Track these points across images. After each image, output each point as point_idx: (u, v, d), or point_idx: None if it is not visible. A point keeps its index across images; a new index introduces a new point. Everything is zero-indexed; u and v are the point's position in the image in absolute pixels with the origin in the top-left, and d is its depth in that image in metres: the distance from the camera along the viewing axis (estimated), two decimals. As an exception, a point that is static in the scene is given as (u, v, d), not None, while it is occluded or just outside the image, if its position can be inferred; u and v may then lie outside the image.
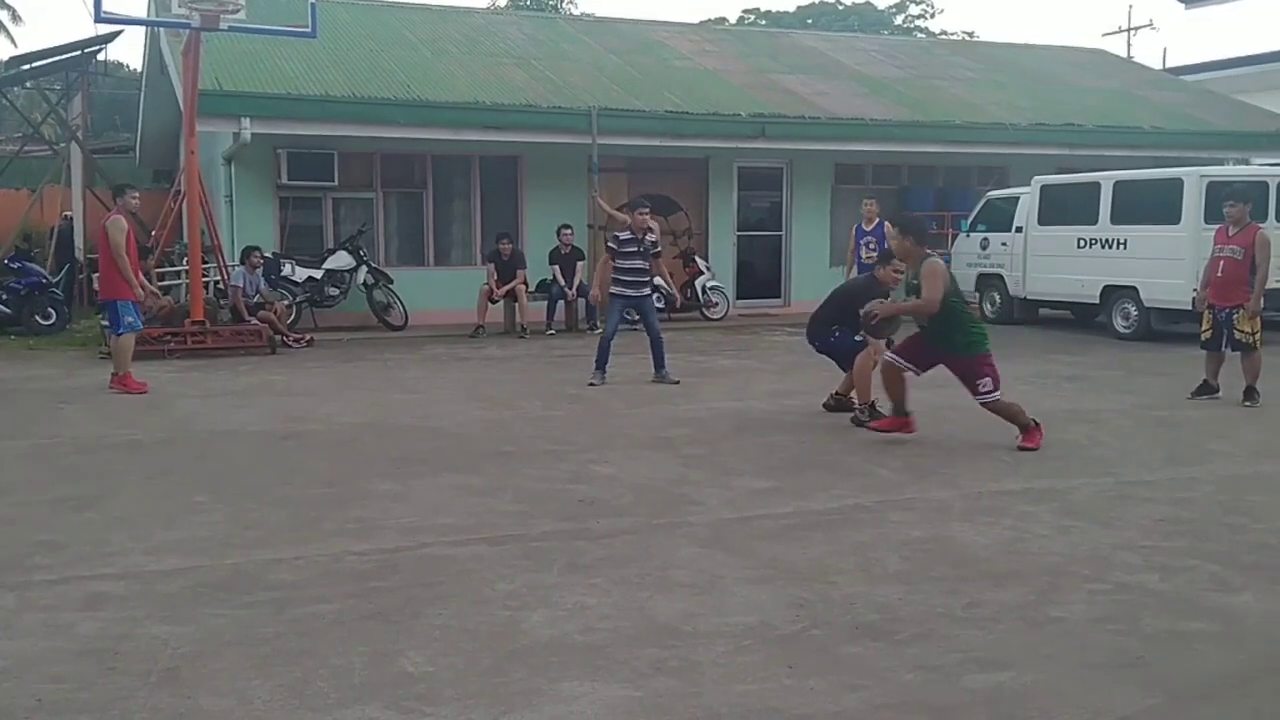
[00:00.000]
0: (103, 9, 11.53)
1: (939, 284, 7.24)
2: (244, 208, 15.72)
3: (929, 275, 7.26)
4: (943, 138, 18.24)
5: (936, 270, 7.29)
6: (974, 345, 7.49)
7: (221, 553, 5.10)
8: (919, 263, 7.41)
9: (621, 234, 10.82)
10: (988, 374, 7.45)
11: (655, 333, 10.69)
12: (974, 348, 7.49)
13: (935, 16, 50.94)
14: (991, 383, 7.45)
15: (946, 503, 6.08)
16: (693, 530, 5.51)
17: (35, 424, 8.45)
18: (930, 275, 7.26)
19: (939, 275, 7.27)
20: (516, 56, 18.81)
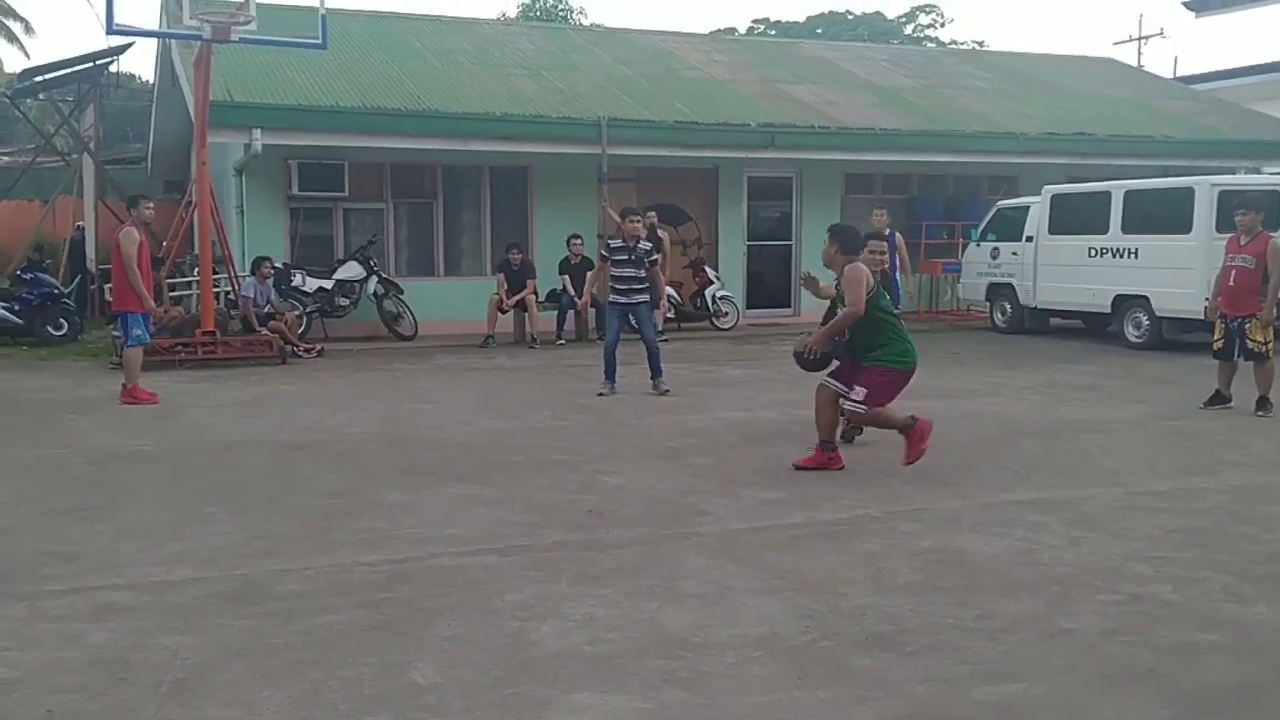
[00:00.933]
0: (115, 21, 11.61)
1: (861, 288, 6.95)
2: (255, 218, 15.77)
3: (851, 281, 7.00)
4: (953, 147, 18.23)
5: (859, 275, 7.01)
6: (881, 357, 7.03)
7: (231, 563, 5.10)
8: (841, 269, 7.20)
9: (613, 241, 10.87)
10: (868, 386, 6.96)
11: (649, 341, 10.66)
12: (880, 358, 7.03)
13: (945, 26, 51.20)
14: (865, 393, 6.94)
15: (957, 513, 6.06)
16: (702, 541, 5.50)
17: (46, 434, 8.48)
18: (852, 281, 7.00)
19: (861, 280, 6.98)
20: (526, 67, 18.86)
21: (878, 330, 7.09)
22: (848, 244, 7.31)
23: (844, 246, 7.28)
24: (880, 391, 7.03)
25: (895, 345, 7.11)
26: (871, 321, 7.05)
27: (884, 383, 7.05)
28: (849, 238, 7.40)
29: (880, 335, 7.09)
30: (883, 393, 7.05)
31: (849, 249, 7.28)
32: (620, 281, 10.58)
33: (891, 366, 7.05)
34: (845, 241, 7.33)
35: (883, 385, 7.04)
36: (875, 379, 7.01)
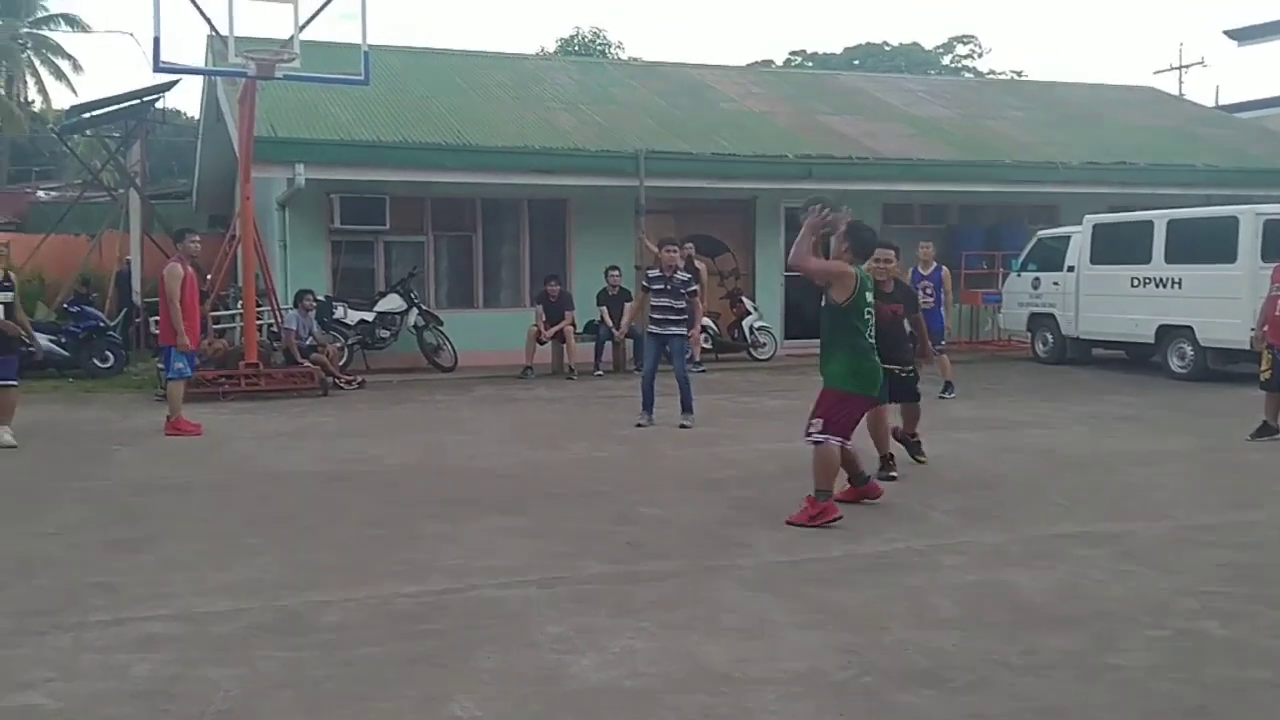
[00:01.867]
0: (161, 59, 11.79)
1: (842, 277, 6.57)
2: (297, 252, 15.96)
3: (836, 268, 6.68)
4: (992, 177, 18.15)
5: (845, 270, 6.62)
6: (834, 377, 6.64)
7: (273, 594, 5.13)
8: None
9: (651, 271, 10.94)
10: (823, 414, 6.55)
11: (679, 375, 10.65)
12: (833, 378, 6.65)
13: (983, 56, 50.91)
14: (821, 424, 6.52)
15: (1001, 546, 5.99)
16: (742, 573, 5.47)
17: (92, 466, 8.59)
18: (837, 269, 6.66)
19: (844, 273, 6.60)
20: (565, 101, 19.02)
21: (840, 341, 6.64)
22: (859, 248, 6.84)
23: (855, 249, 6.81)
24: (836, 418, 6.53)
25: (850, 363, 6.59)
26: (839, 327, 6.65)
27: (838, 408, 6.57)
28: (863, 241, 6.90)
29: (840, 347, 6.63)
30: (837, 419, 6.54)
31: (858, 253, 6.83)
32: (657, 311, 10.62)
33: (842, 389, 6.59)
34: (858, 244, 6.84)
35: (837, 411, 6.56)
36: (828, 402, 6.60)
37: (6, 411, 9.44)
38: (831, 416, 6.54)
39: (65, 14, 45.43)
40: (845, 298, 6.60)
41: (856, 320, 6.61)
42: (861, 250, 6.88)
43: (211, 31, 12.57)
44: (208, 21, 12.12)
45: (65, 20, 45.33)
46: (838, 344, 6.66)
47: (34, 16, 44.98)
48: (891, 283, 8.03)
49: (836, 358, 6.65)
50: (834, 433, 6.52)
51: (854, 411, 6.68)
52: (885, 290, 7.78)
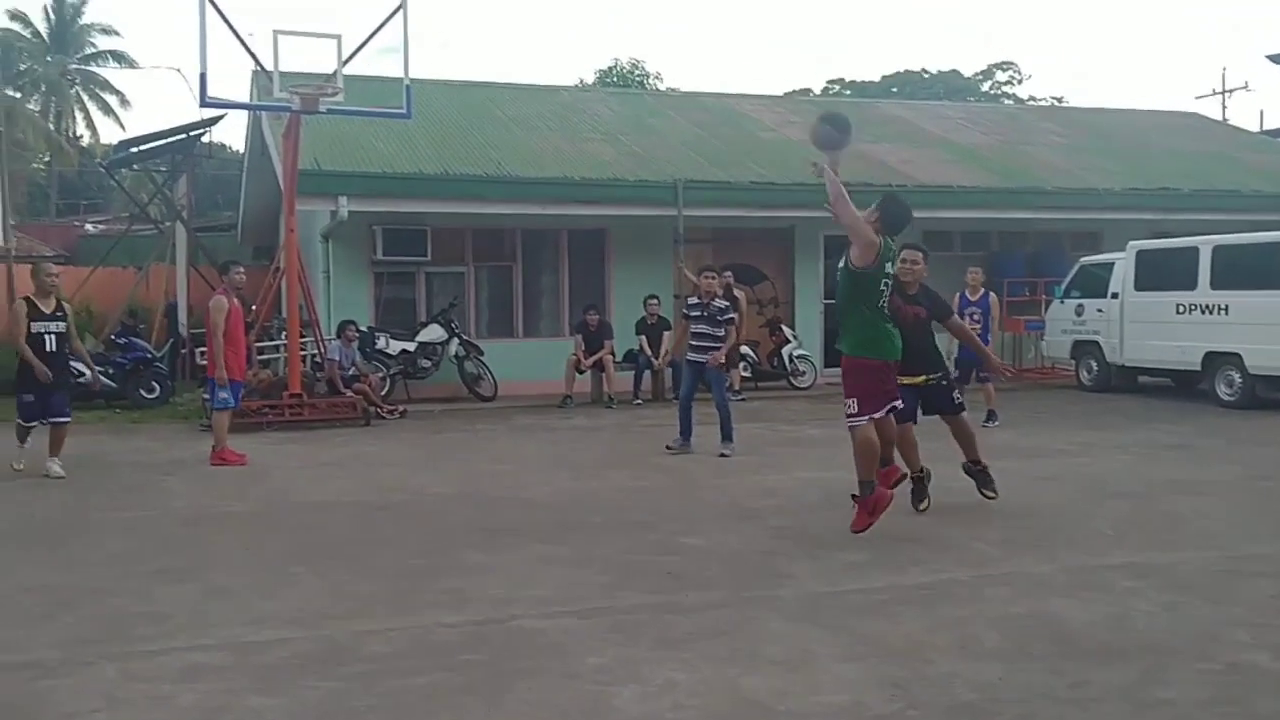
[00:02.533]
0: (208, 94, 12.01)
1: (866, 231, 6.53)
2: (340, 283, 16.13)
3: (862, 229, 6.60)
4: (1033, 204, 18.05)
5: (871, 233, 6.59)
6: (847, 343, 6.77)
7: (317, 623, 5.16)
8: None
9: (690, 300, 10.98)
10: (853, 391, 6.64)
11: (718, 403, 10.64)
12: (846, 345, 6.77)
13: (1022, 82, 50.75)
14: (855, 403, 6.60)
15: (1046, 577, 5.91)
16: (783, 604, 5.44)
17: (138, 496, 8.69)
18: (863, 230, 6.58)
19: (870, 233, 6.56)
20: (603, 132, 19.15)
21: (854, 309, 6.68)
22: (889, 220, 6.76)
23: (884, 220, 6.73)
24: (866, 391, 6.59)
25: (865, 330, 6.67)
26: (855, 293, 6.67)
27: (864, 378, 6.62)
28: (894, 215, 6.81)
29: (855, 314, 6.69)
30: (868, 391, 6.59)
31: (887, 225, 6.74)
32: (695, 338, 10.68)
33: (862, 355, 6.66)
34: (888, 216, 6.76)
35: (864, 381, 6.62)
36: (852, 375, 6.69)
37: (57, 445, 9.59)
38: (862, 391, 6.60)
39: (113, 50, 46.54)
40: (866, 263, 6.59)
41: (872, 288, 6.62)
42: (891, 223, 6.78)
43: (256, 67, 12.81)
44: (253, 57, 12.35)
45: (113, 57, 46.51)
46: (852, 311, 6.71)
47: (83, 53, 46.04)
48: (917, 285, 7.58)
49: (851, 326, 6.72)
50: (869, 409, 6.58)
51: (880, 378, 6.67)
52: (909, 292, 7.46)
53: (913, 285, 7.51)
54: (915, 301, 7.49)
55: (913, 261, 7.47)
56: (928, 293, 7.67)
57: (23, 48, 42.77)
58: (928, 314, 7.56)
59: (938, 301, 7.75)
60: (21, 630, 5.12)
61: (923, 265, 7.60)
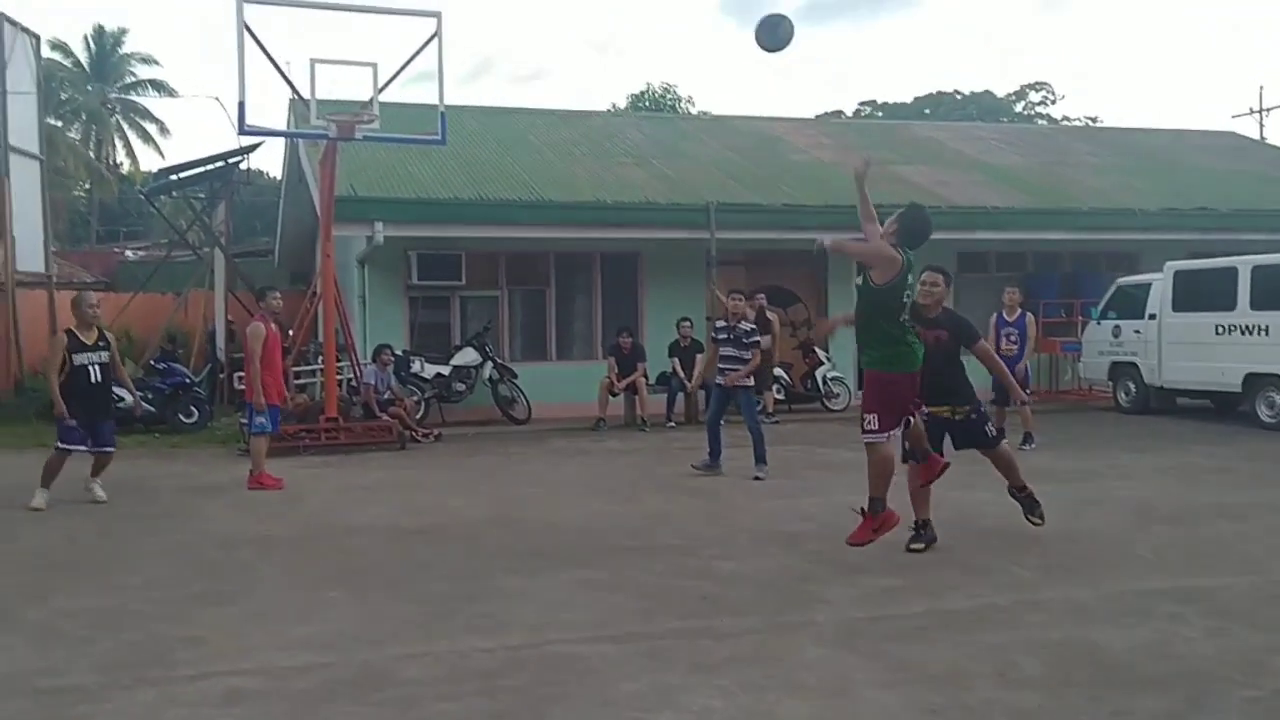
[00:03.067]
0: (246, 122, 12.17)
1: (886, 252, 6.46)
2: (376, 307, 16.27)
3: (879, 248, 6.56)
4: (1068, 225, 17.95)
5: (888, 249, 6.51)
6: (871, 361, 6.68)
7: (353, 648, 5.18)
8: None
9: (719, 322, 11.04)
10: (873, 407, 6.61)
11: (749, 425, 10.63)
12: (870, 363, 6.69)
13: (1056, 103, 50.55)
14: (875, 419, 6.57)
15: (1086, 603, 5.84)
16: (820, 630, 5.40)
17: (177, 520, 8.76)
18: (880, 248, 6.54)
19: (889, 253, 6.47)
20: (636, 156, 19.24)
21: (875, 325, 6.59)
22: (908, 233, 6.64)
23: (903, 233, 6.63)
24: (885, 406, 6.55)
25: (886, 346, 6.59)
26: (876, 310, 6.58)
27: (885, 392, 6.57)
28: (914, 227, 6.68)
29: (876, 331, 6.59)
30: (887, 406, 6.55)
31: (906, 238, 6.62)
32: (722, 361, 10.75)
33: (883, 369, 6.59)
34: (907, 229, 6.65)
35: (884, 395, 6.57)
36: (873, 389, 6.63)
37: (100, 469, 9.71)
38: (881, 405, 6.54)
39: (153, 79, 47.27)
40: (887, 279, 6.49)
41: (894, 302, 6.51)
42: (911, 236, 6.64)
43: (294, 95, 12.95)
44: (290, 85, 12.50)
45: (153, 85, 47.20)
46: (873, 327, 6.60)
47: (123, 82, 46.81)
48: (938, 308, 7.30)
49: (873, 342, 6.61)
50: (888, 425, 6.53)
51: (901, 393, 6.61)
52: (929, 315, 7.18)
53: (933, 308, 7.25)
54: (937, 325, 7.21)
55: (932, 284, 7.22)
56: (951, 316, 7.42)
57: (64, 77, 43.50)
58: (950, 338, 7.24)
59: (962, 325, 7.42)
60: (62, 654, 5.17)
61: (943, 288, 7.31)
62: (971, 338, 7.45)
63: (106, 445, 9.65)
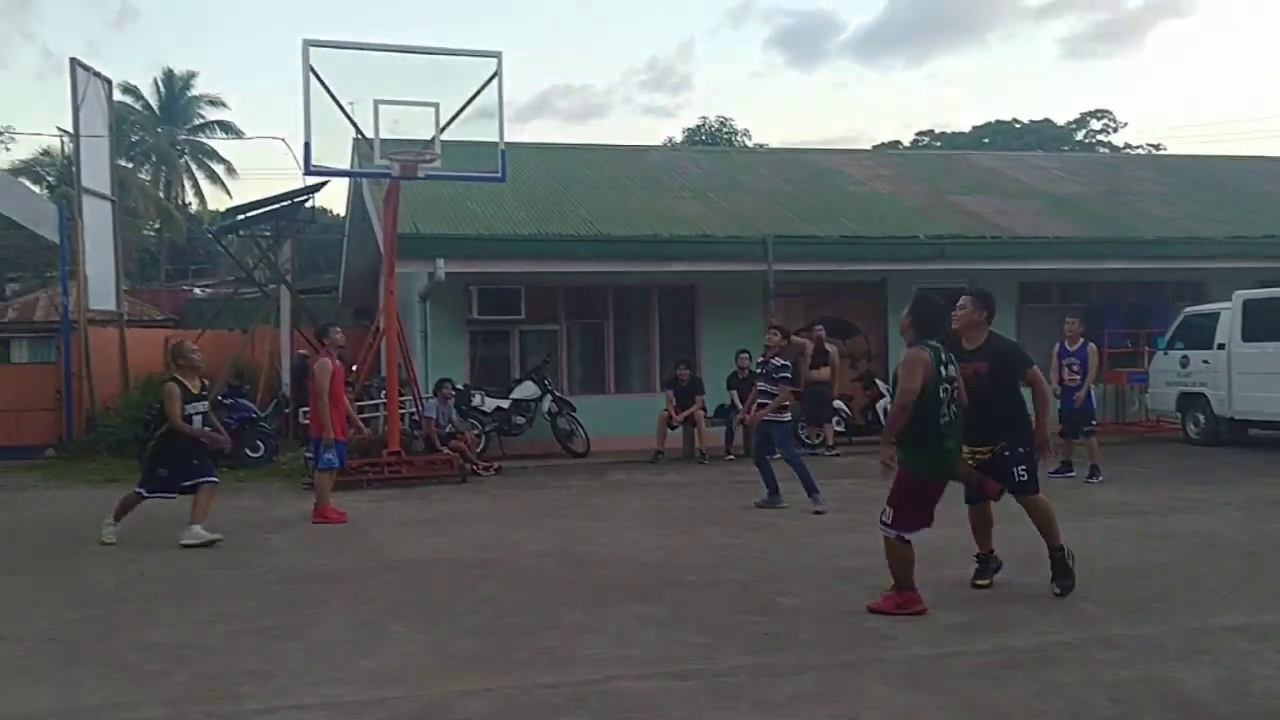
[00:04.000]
0: (312, 163, 12.40)
1: (915, 375, 6.09)
2: (438, 342, 16.45)
3: (905, 365, 6.19)
4: (1132, 254, 17.67)
5: (914, 360, 6.16)
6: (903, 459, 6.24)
7: (416, 683, 5.21)
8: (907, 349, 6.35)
9: (759, 357, 11.08)
10: (894, 502, 6.31)
11: (788, 460, 10.69)
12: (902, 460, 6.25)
13: (1118, 131, 49.94)
14: (891, 513, 6.30)
15: (1158, 640, 5.72)
16: (885, 667, 5.34)
17: (243, 554, 8.88)
18: (906, 365, 6.18)
19: (916, 366, 6.12)
20: (693, 189, 19.31)
21: (913, 425, 6.17)
22: (924, 326, 6.33)
23: (919, 327, 6.33)
24: (904, 505, 6.25)
25: (920, 447, 6.18)
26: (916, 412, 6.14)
27: (908, 492, 6.25)
28: (929, 318, 6.36)
29: (914, 430, 6.17)
30: (907, 505, 6.24)
31: (924, 330, 6.31)
32: (760, 395, 10.80)
33: (912, 472, 6.23)
34: (922, 322, 6.34)
35: (904, 495, 6.26)
36: (899, 485, 6.29)
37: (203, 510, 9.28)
38: (902, 503, 6.28)
39: (220, 121, 48.36)
40: (927, 379, 6.12)
41: (933, 405, 6.14)
42: (928, 329, 6.33)
43: (357, 134, 13.18)
44: (354, 125, 12.71)
45: (220, 127, 48.27)
46: (912, 429, 6.18)
47: (191, 124, 47.95)
48: (980, 338, 6.83)
49: (910, 440, 6.20)
50: (903, 524, 6.27)
51: (926, 496, 6.28)
52: (966, 346, 6.78)
53: (970, 338, 6.82)
54: (975, 357, 6.75)
55: (959, 306, 6.85)
56: (994, 346, 6.85)
57: (135, 120, 44.64)
58: (991, 370, 6.71)
59: (1006, 354, 6.86)
60: (133, 687, 5.26)
61: (970, 310, 6.84)
62: (1020, 364, 6.87)
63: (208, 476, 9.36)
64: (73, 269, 18.06)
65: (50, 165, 36.70)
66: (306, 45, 12.12)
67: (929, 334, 6.30)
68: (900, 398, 6.14)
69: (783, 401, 10.67)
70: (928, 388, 6.11)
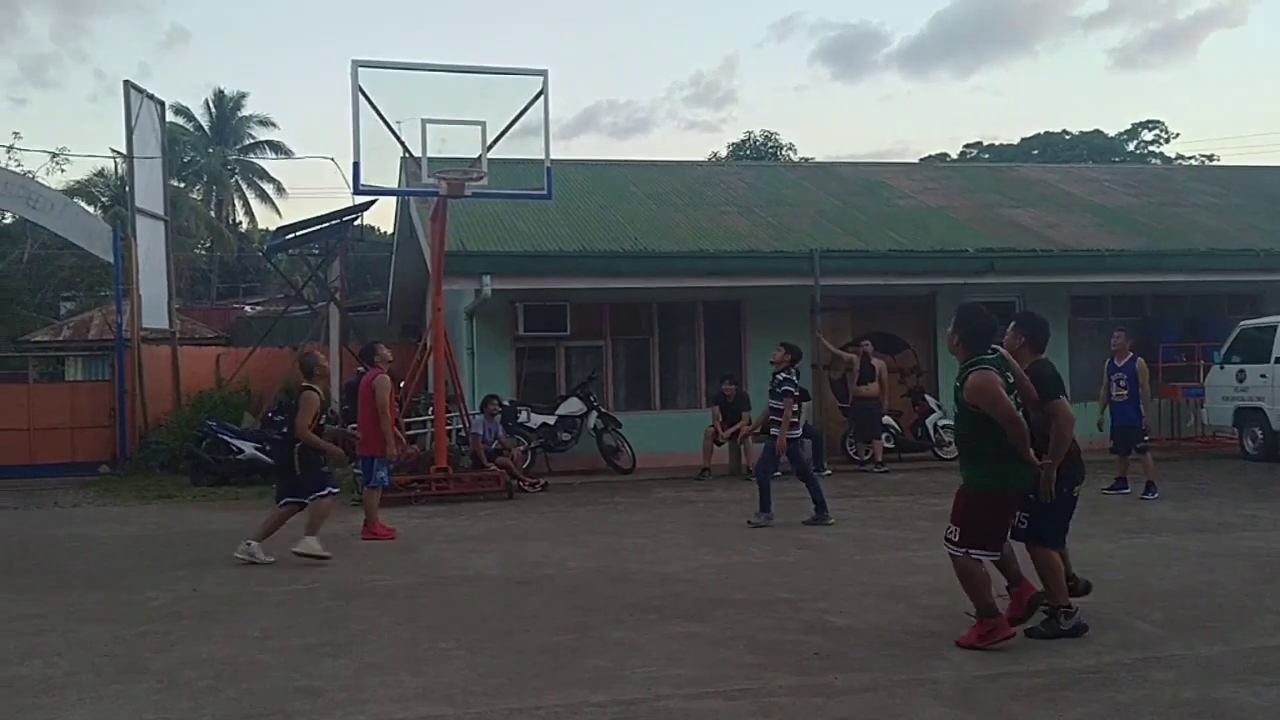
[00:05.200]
0: (360, 182, 12.53)
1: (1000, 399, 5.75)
2: (485, 358, 16.54)
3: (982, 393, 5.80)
4: (1185, 266, 17.41)
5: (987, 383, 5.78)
6: (969, 478, 6.00)
7: (465, 701, 5.21)
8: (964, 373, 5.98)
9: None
10: (959, 520, 5.94)
11: (798, 473, 10.96)
12: (971, 478, 5.99)
13: (1170, 141, 49.26)
14: (957, 531, 5.93)
15: (1217, 660, 5.60)
16: (937, 688, 5.26)
17: (293, 570, 8.93)
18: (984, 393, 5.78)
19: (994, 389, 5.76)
20: (738, 204, 19.28)
21: (980, 440, 5.89)
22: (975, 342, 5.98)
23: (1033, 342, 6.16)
24: (974, 523, 5.89)
25: (988, 463, 5.86)
26: (982, 430, 5.85)
27: (974, 510, 5.91)
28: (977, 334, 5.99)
29: (980, 448, 5.90)
30: (977, 523, 5.88)
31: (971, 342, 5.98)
32: (771, 413, 10.99)
33: (979, 489, 5.91)
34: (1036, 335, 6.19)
35: (975, 512, 5.90)
36: (961, 503, 5.96)
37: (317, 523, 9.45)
38: (972, 521, 5.90)
39: (270, 141, 49.06)
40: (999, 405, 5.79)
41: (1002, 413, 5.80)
42: (977, 341, 5.99)
43: (405, 153, 13.30)
44: (402, 145, 12.83)
45: (270, 147, 48.97)
46: (977, 443, 5.92)
47: (242, 144, 48.68)
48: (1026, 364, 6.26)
49: (974, 456, 5.94)
50: (973, 543, 5.88)
51: (994, 515, 5.91)
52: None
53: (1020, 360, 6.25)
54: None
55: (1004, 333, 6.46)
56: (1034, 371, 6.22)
57: (187, 141, 45.37)
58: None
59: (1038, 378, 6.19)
60: (188, 703, 5.30)
61: (1009, 335, 6.41)
62: (1046, 392, 6.16)
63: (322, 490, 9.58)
64: (126, 288, 18.37)
65: (104, 186, 37.37)
66: (355, 66, 12.26)
67: (979, 344, 5.98)
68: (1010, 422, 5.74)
69: (791, 416, 10.81)
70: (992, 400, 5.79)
